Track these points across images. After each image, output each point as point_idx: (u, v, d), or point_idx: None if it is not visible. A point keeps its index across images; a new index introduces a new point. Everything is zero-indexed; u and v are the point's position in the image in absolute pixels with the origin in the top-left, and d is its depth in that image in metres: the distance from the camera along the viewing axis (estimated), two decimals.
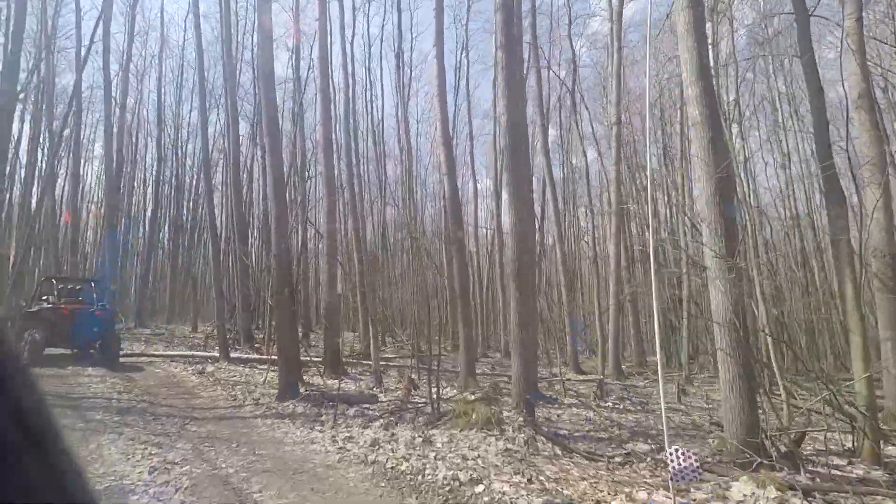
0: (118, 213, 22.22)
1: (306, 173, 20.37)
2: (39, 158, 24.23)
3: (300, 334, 13.02)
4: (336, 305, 11.90)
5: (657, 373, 4.10)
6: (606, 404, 9.39)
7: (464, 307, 10.75)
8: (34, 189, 25.43)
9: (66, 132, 23.12)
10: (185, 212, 29.75)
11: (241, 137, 20.93)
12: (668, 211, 22.75)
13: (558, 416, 8.10)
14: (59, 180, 26.23)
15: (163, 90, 28.48)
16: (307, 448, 5.97)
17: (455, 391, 10.40)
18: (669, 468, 3.39)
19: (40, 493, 0.46)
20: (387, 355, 15.60)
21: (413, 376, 10.99)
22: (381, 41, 29.05)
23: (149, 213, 28.77)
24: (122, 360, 12.69)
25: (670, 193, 22.03)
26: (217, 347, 13.35)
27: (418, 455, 5.45)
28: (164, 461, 5.36)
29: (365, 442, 6.05)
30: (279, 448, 5.96)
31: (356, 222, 15.22)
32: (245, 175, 23.31)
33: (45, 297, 11.80)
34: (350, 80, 20.31)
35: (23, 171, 24.09)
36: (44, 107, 22.55)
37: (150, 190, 29.96)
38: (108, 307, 12.19)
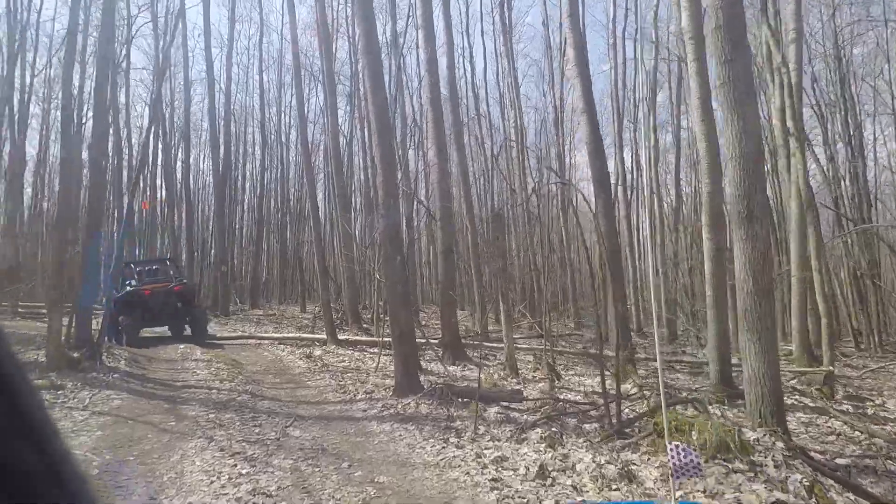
0: (225, 198, 22.30)
1: (407, 141, 18.91)
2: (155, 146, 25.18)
3: None
4: (453, 277, 10.09)
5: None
6: (842, 406, 6.61)
7: (616, 278, 8.40)
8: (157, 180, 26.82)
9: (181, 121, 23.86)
10: (290, 195, 30.00)
11: (339, 112, 19.98)
12: None
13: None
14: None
15: (264, 76, 28.54)
16: (444, 476, 4.14)
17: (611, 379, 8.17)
18: (670, 464, 2.95)
19: (38, 495, 0.45)
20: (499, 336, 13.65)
21: (551, 362, 8.92)
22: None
23: (256, 197, 29.26)
24: (235, 342, 12.28)
25: None
26: (325, 329, 12.25)
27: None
28: (253, 490, 3.81)
29: (527, 469, 4.09)
30: (406, 474, 4.19)
31: (466, 185, 13.29)
32: (345, 152, 22.41)
33: (127, 282, 11.82)
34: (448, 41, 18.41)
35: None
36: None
37: (256, 173, 30.46)
38: (185, 282, 12.35)
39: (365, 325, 14.41)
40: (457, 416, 5.81)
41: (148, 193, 26.25)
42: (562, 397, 6.46)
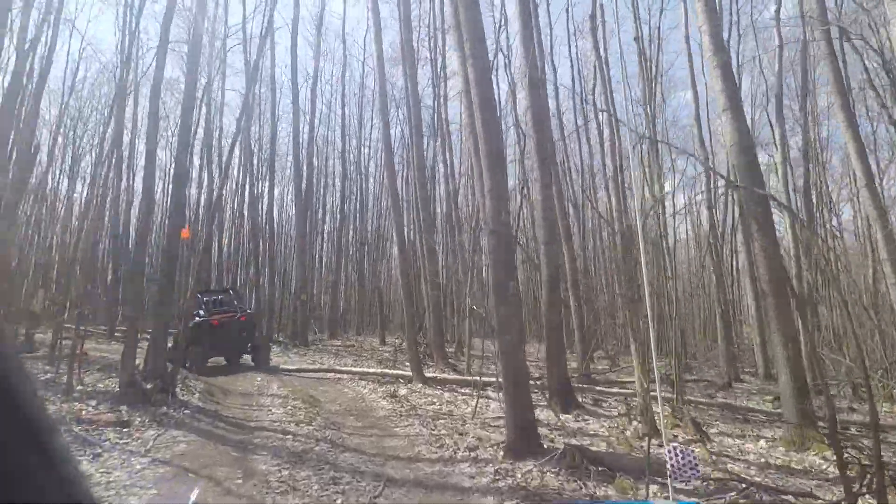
0: (306, 227, 22.22)
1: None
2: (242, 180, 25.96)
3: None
4: (559, 309, 8.56)
5: None
6: None
7: (779, 308, 6.52)
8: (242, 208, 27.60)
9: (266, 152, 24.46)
10: (368, 225, 29.89)
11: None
12: None
13: None
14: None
15: (345, 109, 29.02)
16: None
17: (783, 446, 6.21)
18: (668, 466, 3.11)
19: (38, 493, 0.46)
20: (602, 377, 11.78)
21: (694, 417, 7.09)
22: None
23: (336, 227, 29.37)
24: (313, 374, 11.52)
25: None
26: (408, 364, 11.07)
27: None
28: None
29: None
30: None
31: (563, 208, 11.83)
32: (429, 176, 21.75)
33: (196, 312, 11.81)
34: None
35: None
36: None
37: (335, 204, 30.72)
38: (249, 312, 12.52)
39: (451, 360, 13.08)
40: (602, 497, 4.23)
41: (234, 223, 27.04)
42: (756, 480, 4.65)
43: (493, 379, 9.51)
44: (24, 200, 20.07)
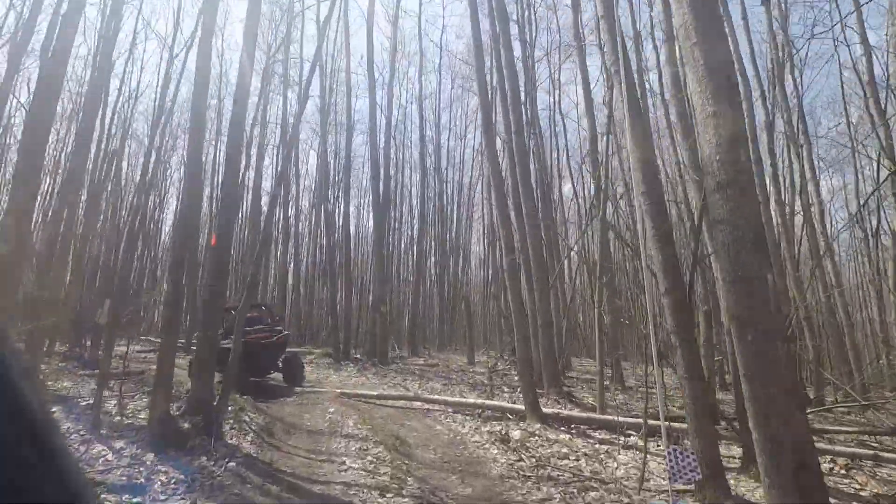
0: (384, 234, 20.41)
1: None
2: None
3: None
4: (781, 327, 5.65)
5: None
6: None
7: None
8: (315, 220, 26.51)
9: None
10: (448, 229, 27.91)
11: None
12: None
13: None
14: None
15: (423, 109, 27.34)
16: None
17: None
18: (667, 467, 3.16)
19: (38, 492, 0.46)
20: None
21: None
22: None
23: (415, 236, 27.62)
24: (394, 403, 9.35)
25: None
26: (508, 391, 8.58)
27: None
28: None
29: None
30: None
31: None
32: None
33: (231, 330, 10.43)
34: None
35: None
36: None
37: (415, 213, 29.03)
38: (283, 331, 11.85)
39: (566, 388, 10.39)
40: None
41: (309, 234, 26.06)
42: None
43: (638, 419, 6.82)
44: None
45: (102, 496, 4.24)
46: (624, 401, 10.10)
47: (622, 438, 6.95)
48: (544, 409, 7.82)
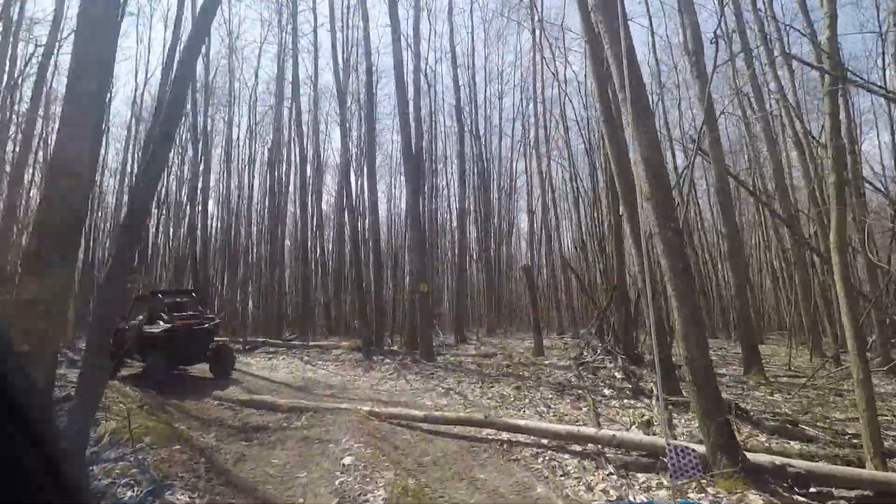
0: (419, 202, 16.67)
1: None
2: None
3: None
4: None
5: None
6: None
7: None
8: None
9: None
10: (494, 198, 24.07)
11: None
12: None
13: None
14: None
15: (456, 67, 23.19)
16: None
17: None
18: (668, 465, 3.07)
19: (40, 493, 0.46)
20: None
21: None
22: None
23: (456, 205, 23.90)
24: (456, 428, 5.89)
25: None
26: (633, 404, 4.90)
27: None
28: None
29: None
30: None
31: None
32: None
33: (158, 316, 9.99)
34: None
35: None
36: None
37: (453, 176, 25.25)
38: (215, 318, 11.16)
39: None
40: None
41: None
42: None
43: None
44: None
45: None
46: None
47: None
48: (754, 457, 4.04)
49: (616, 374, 8.57)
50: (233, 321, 19.23)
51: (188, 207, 19.02)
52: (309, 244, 22.90)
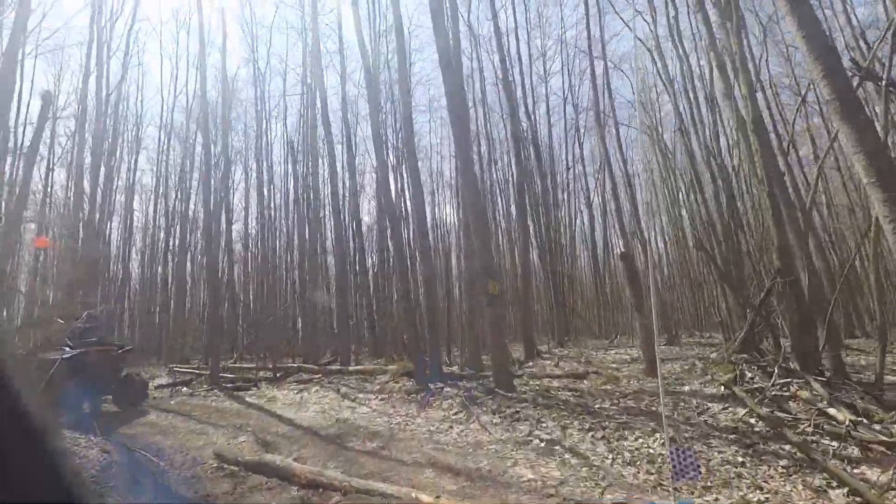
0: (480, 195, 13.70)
1: None
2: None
3: None
4: None
5: None
6: None
7: None
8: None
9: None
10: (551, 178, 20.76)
11: None
12: None
13: None
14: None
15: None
16: None
17: None
18: (669, 465, 3.04)
19: (39, 492, 0.45)
20: None
21: None
22: None
23: (512, 179, 20.73)
24: None
25: None
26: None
27: None
28: None
29: None
30: None
31: None
32: None
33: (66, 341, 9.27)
34: None
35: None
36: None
37: (507, 149, 22.08)
38: (127, 347, 10.66)
39: None
40: None
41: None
42: None
43: None
44: None
45: None
46: None
47: None
48: None
49: (828, 408, 5.21)
50: (272, 350, 16.64)
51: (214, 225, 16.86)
52: (350, 257, 20.38)
